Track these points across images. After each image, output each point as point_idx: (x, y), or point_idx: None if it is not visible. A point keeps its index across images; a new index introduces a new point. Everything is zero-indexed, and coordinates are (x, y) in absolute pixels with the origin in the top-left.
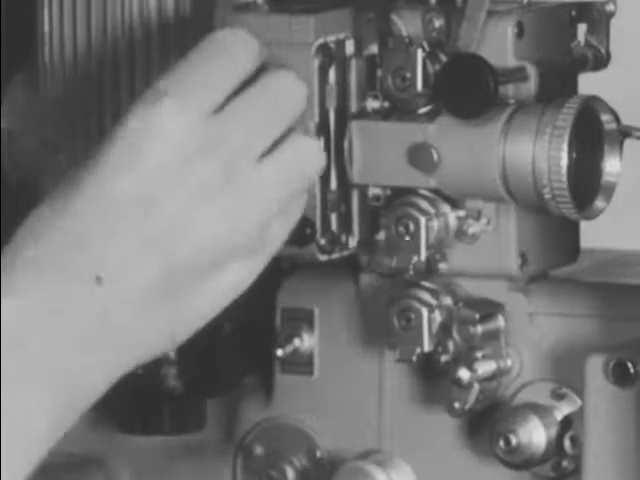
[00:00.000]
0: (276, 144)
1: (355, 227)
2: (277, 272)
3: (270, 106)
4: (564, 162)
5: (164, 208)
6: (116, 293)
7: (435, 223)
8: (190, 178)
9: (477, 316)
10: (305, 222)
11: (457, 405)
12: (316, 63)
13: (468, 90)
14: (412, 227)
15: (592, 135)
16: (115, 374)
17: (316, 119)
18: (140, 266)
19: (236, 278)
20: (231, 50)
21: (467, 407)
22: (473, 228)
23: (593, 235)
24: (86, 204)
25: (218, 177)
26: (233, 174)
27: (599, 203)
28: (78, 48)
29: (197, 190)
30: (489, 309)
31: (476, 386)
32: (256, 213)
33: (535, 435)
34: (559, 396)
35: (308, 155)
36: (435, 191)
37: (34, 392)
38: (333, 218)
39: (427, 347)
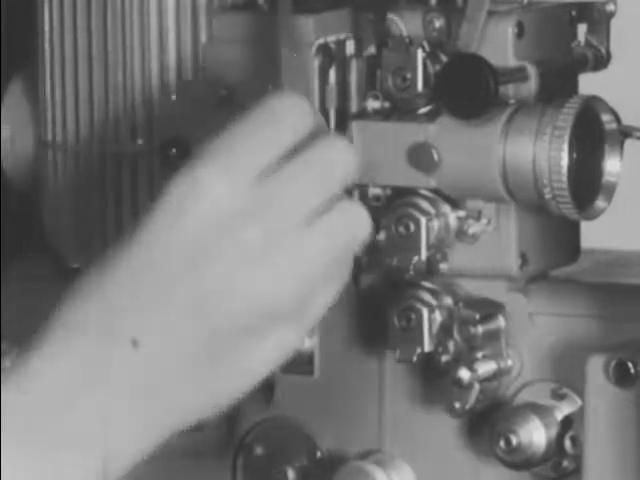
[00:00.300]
0: (323, 210)
1: None
2: None
3: (318, 174)
4: (564, 162)
5: (206, 272)
6: (156, 357)
7: (435, 223)
8: (233, 242)
9: (477, 316)
10: None
11: (457, 405)
12: (316, 63)
13: (468, 90)
14: (412, 227)
15: (592, 135)
16: (154, 440)
17: None
18: (181, 330)
19: (279, 343)
20: (282, 117)
21: (467, 407)
22: (473, 228)
23: (593, 235)
24: (127, 267)
25: (261, 242)
26: (277, 239)
27: (599, 203)
28: (78, 48)
29: (240, 254)
30: (489, 309)
31: (476, 386)
32: (300, 279)
33: (535, 435)
34: (559, 396)
35: (355, 223)
36: (435, 191)
37: (70, 457)
38: None
39: (427, 347)
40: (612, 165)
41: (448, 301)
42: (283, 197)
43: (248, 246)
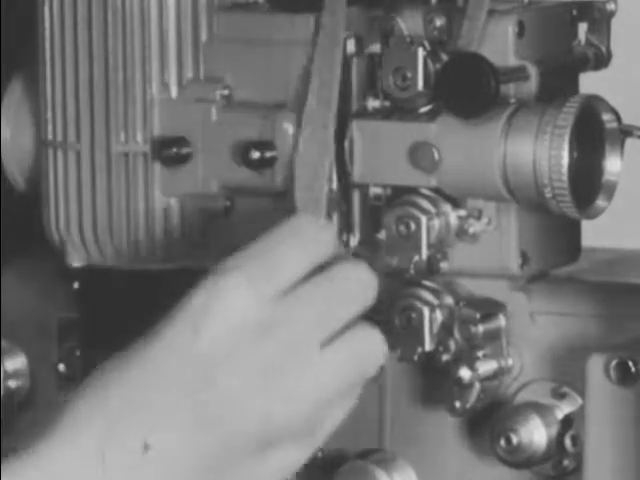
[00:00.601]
0: (341, 331)
1: (356, 226)
2: None
3: (337, 296)
4: (565, 161)
5: (220, 384)
6: (165, 464)
7: (436, 222)
8: (247, 357)
9: (478, 315)
10: None
11: (458, 404)
12: None
13: (469, 89)
14: (413, 226)
15: (593, 134)
16: None
17: None
18: (191, 441)
19: (285, 461)
20: (306, 237)
21: (468, 406)
22: (474, 227)
23: (594, 234)
24: (141, 372)
25: (276, 359)
26: (291, 358)
27: (600, 202)
28: (79, 47)
29: (253, 370)
30: (490, 308)
31: (477, 385)
32: (312, 399)
33: (536, 434)
34: (560, 395)
35: (370, 348)
36: (436, 190)
37: None
38: (334, 217)
39: (428, 346)
40: (612, 164)
41: (449, 300)
42: (301, 318)
43: (262, 362)
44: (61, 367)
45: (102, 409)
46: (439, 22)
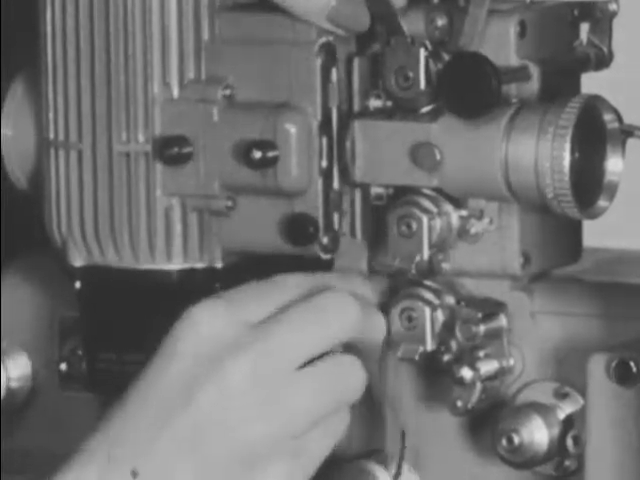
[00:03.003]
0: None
1: (358, 226)
2: (279, 271)
3: (314, 322)
4: (567, 161)
5: (198, 405)
6: None
7: (437, 222)
8: (225, 378)
9: (479, 315)
10: (308, 221)
11: (459, 404)
12: (319, 62)
13: (471, 89)
14: (415, 226)
15: (595, 134)
16: None
17: (319, 118)
18: (177, 462)
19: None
20: (289, 283)
21: (469, 406)
22: (475, 227)
23: (596, 234)
24: (132, 402)
25: (246, 380)
26: (263, 380)
27: (602, 202)
28: (81, 46)
29: (231, 391)
30: (491, 308)
31: (478, 385)
32: (290, 420)
33: (537, 434)
34: (561, 395)
35: (349, 373)
36: (437, 190)
37: None
38: (336, 217)
39: (429, 346)
40: (614, 164)
41: (450, 300)
42: (279, 340)
43: (241, 383)
44: (63, 367)
45: (103, 442)
46: (441, 22)
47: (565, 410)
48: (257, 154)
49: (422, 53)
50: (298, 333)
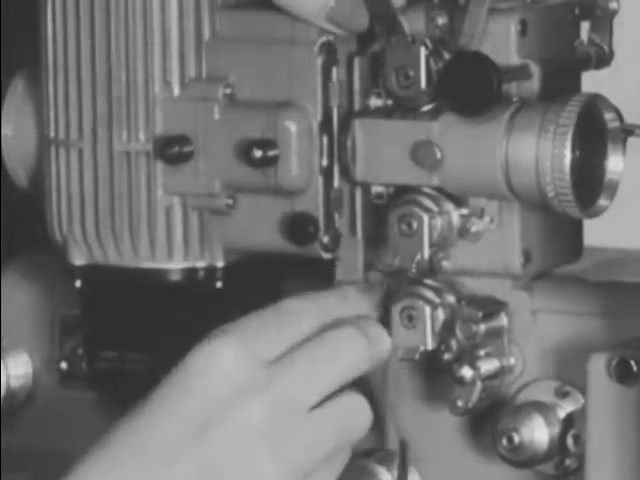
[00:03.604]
0: (330, 396)
1: (358, 225)
2: (280, 271)
3: (327, 362)
4: (567, 160)
5: (208, 447)
6: None
7: (438, 221)
8: (237, 420)
9: (480, 314)
10: (308, 220)
11: (460, 403)
12: (319, 61)
13: (471, 88)
14: (415, 225)
15: (595, 133)
16: None
17: (319, 117)
18: None
19: None
20: (299, 311)
21: (470, 405)
22: (476, 226)
23: (596, 233)
24: (133, 436)
25: (262, 422)
26: (278, 421)
27: (602, 201)
28: (81, 45)
29: (243, 433)
30: (492, 307)
31: (479, 384)
32: (300, 462)
33: (538, 433)
34: (562, 394)
35: (356, 413)
36: (438, 189)
37: None
38: (336, 216)
39: (430, 345)
40: (615, 163)
41: (451, 299)
42: (292, 382)
43: (248, 424)
44: (63, 365)
45: (99, 472)
46: (441, 21)
47: (565, 409)
48: (258, 153)
49: (422, 52)
50: (311, 375)
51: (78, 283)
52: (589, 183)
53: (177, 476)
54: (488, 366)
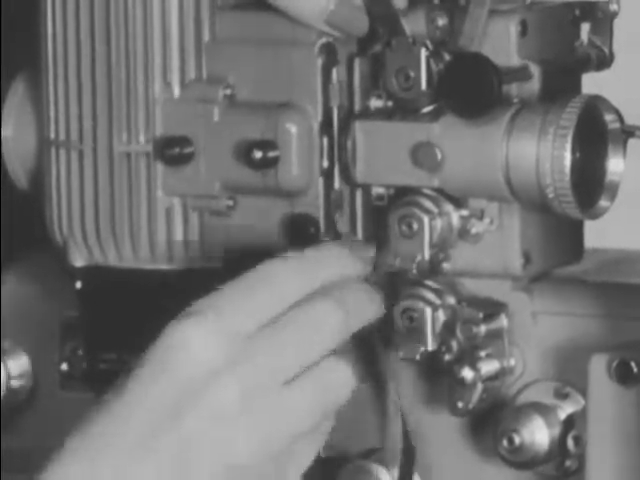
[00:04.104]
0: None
1: (359, 226)
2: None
3: (304, 335)
4: (568, 161)
5: (184, 428)
6: None
7: (438, 222)
8: (210, 397)
9: (480, 315)
10: (308, 221)
11: (460, 404)
12: (319, 62)
13: (472, 89)
14: (415, 226)
15: (595, 134)
16: None
17: (320, 118)
18: None
19: None
20: (277, 281)
21: (470, 406)
22: (476, 227)
23: (597, 234)
24: (110, 421)
25: (236, 402)
26: (255, 396)
27: (603, 202)
28: (81, 46)
29: (215, 414)
30: (492, 308)
31: (479, 385)
32: (277, 437)
33: (538, 434)
34: (562, 395)
35: (338, 381)
36: (438, 190)
37: None
38: (337, 217)
39: (430, 346)
40: (615, 164)
41: (451, 300)
42: (267, 356)
43: (225, 401)
44: (63, 367)
45: (72, 462)
46: (441, 22)
47: (566, 410)
48: (258, 154)
49: (423, 53)
50: (284, 347)
51: (78, 284)
52: (589, 184)
53: (153, 463)
54: (488, 367)
